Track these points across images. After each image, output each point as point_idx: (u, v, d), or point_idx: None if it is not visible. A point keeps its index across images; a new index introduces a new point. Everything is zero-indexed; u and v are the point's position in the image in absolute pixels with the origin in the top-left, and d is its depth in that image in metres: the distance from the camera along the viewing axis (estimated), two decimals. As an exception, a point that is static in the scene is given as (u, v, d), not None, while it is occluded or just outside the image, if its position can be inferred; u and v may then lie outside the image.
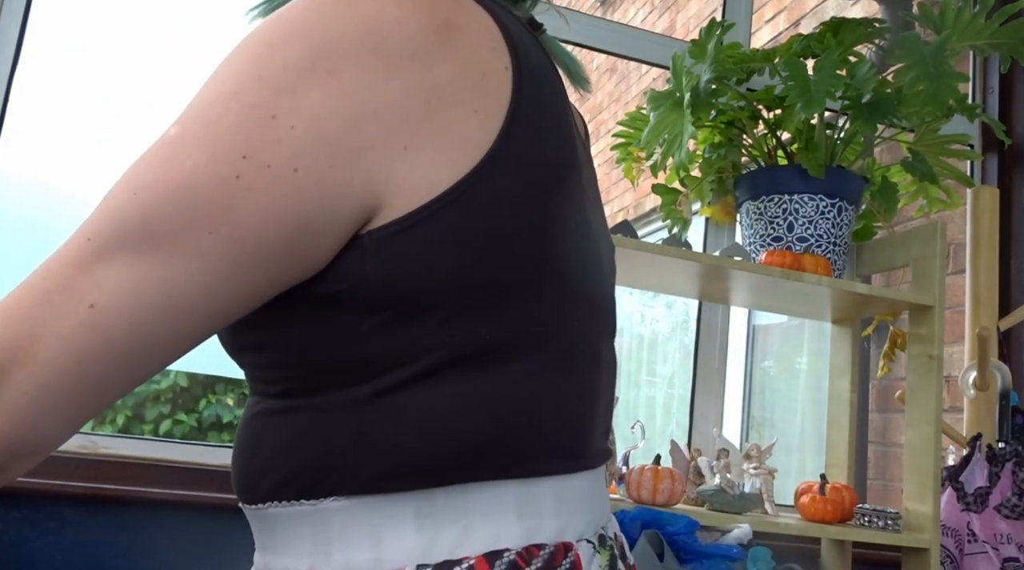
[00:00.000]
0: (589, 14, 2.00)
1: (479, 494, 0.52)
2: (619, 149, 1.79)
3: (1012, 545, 1.55)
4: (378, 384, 0.51)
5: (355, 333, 0.51)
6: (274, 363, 0.55)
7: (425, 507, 0.51)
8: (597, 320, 0.59)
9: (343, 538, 0.52)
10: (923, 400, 1.51)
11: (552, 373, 0.54)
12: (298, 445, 0.53)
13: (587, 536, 0.56)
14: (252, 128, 0.46)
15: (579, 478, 0.57)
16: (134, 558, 1.43)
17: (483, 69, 0.50)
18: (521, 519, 0.53)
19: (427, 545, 0.51)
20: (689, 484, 1.56)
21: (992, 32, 1.56)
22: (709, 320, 1.89)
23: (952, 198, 1.74)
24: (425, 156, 0.48)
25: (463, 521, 0.51)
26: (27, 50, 1.57)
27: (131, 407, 3.85)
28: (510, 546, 0.52)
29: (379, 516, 0.51)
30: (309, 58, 0.47)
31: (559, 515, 0.54)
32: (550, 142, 0.54)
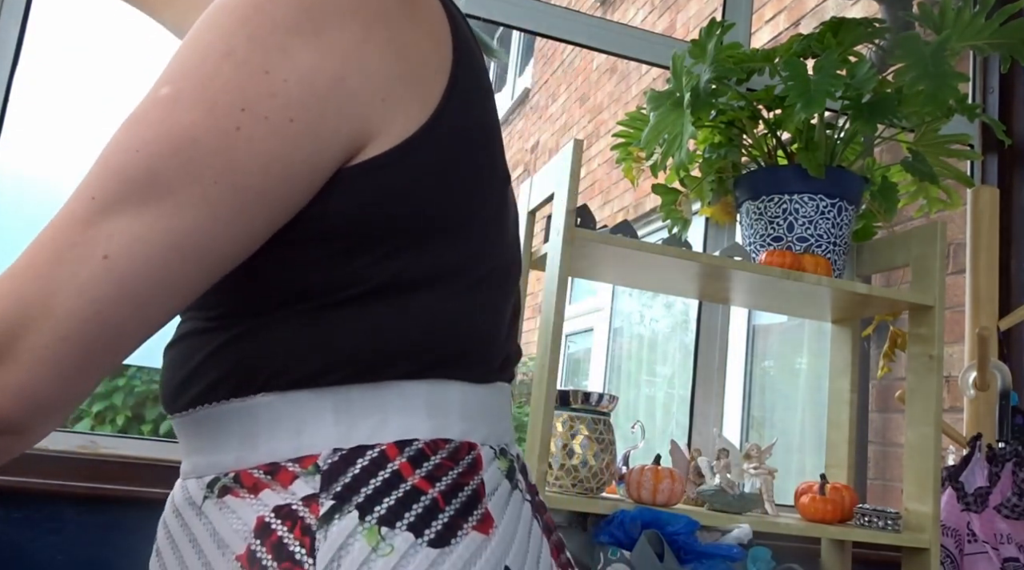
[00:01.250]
0: (589, 14, 2.00)
1: (393, 391, 0.57)
2: (619, 149, 1.79)
3: (1012, 545, 1.55)
4: (315, 303, 0.56)
5: (303, 262, 0.56)
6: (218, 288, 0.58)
7: (343, 402, 0.57)
8: (512, 250, 0.67)
9: (269, 430, 0.57)
10: (923, 400, 1.51)
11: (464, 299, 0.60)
12: (231, 352, 0.58)
13: (489, 442, 0.62)
14: (247, 83, 0.50)
15: (482, 390, 0.62)
16: (134, 558, 1.42)
17: (437, 36, 0.58)
18: (430, 417, 0.58)
19: (343, 435, 0.56)
20: (689, 484, 1.56)
21: (992, 32, 1.56)
22: (709, 320, 1.89)
23: (952, 198, 1.74)
24: (398, 108, 0.55)
25: (378, 415, 0.57)
26: (27, 50, 1.57)
27: (131, 407, 3.85)
28: (419, 437, 0.57)
29: (302, 410, 0.57)
30: (296, 19, 0.52)
31: (465, 419, 0.60)
32: (480, 104, 0.61)
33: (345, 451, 0.56)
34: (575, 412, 1.43)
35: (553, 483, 1.42)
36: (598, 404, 1.44)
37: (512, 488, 0.62)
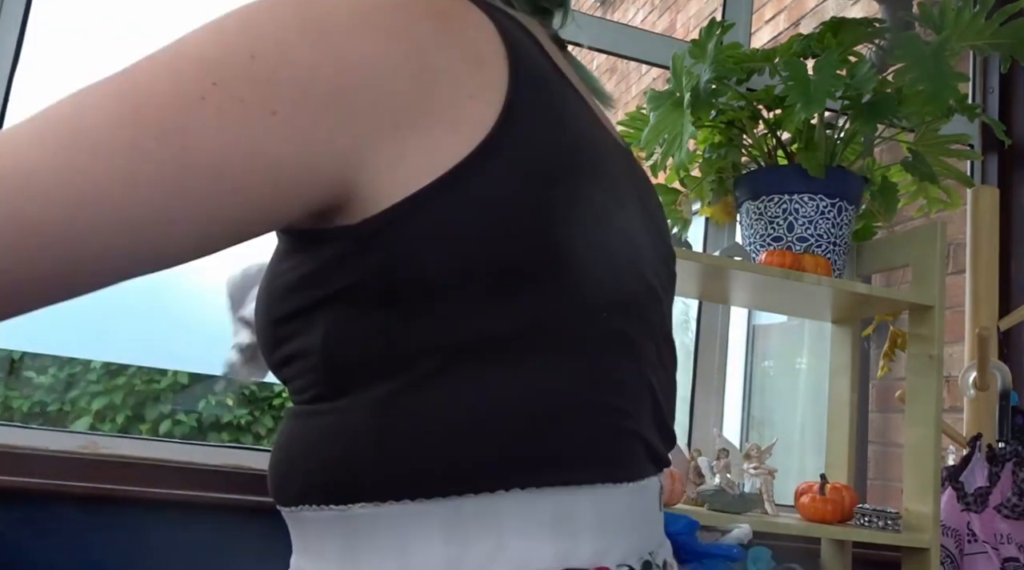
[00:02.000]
0: (589, 14, 2.00)
1: (511, 505, 0.49)
2: (619, 149, 1.79)
3: (1012, 545, 1.55)
4: (396, 382, 0.49)
5: (365, 329, 0.49)
6: (302, 371, 0.54)
7: (453, 518, 0.49)
8: (628, 316, 0.55)
9: (371, 545, 0.50)
10: (923, 400, 1.51)
11: (577, 369, 0.51)
12: (321, 447, 0.52)
13: (629, 561, 0.53)
14: (226, 60, 0.45)
15: (622, 491, 0.53)
16: (134, 558, 1.43)
17: (479, 59, 0.50)
18: (556, 538, 0.50)
19: (455, 559, 0.49)
20: (689, 484, 1.56)
21: (992, 32, 1.56)
22: (709, 320, 1.89)
23: (952, 198, 1.74)
24: (416, 137, 0.47)
25: (494, 537, 0.49)
26: (27, 50, 1.57)
27: (131, 407, 3.85)
28: (540, 568, 0.49)
29: (405, 525, 0.49)
30: (301, 18, 0.46)
31: (600, 536, 0.51)
32: (549, 121, 0.52)
33: None
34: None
35: (553, 483, 1.42)
36: (598, 404, 1.44)
37: None
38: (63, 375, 3.90)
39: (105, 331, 2.46)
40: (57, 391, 3.87)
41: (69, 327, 2.24)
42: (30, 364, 3.88)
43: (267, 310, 0.56)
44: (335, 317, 0.50)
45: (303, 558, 0.56)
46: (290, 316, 0.53)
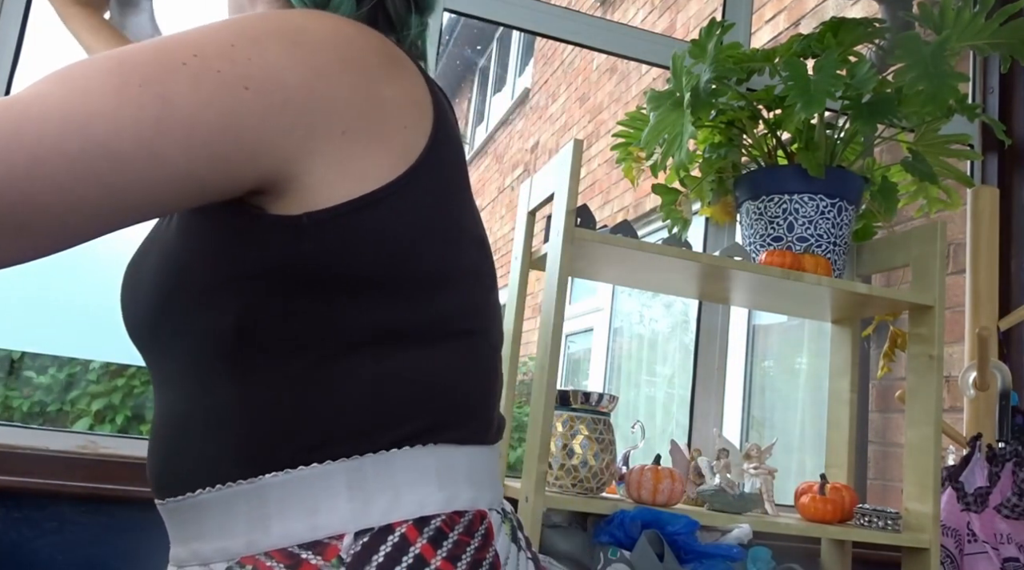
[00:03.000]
0: (589, 14, 2.00)
1: (403, 461, 0.57)
2: (619, 149, 1.79)
3: (1012, 545, 1.55)
4: (307, 359, 0.56)
5: (287, 309, 0.55)
6: (200, 346, 0.58)
7: (356, 477, 0.56)
8: (497, 321, 0.67)
9: (281, 511, 0.56)
10: (923, 400, 1.51)
11: (467, 355, 0.62)
12: (228, 427, 0.57)
13: (495, 506, 0.63)
14: (208, 42, 0.51)
15: (484, 451, 0.63)
16: (134, 558, 1.43)
17: (415, 99, 0.60)
18: (441, 487, 0.58)
19: (360, 511, 0.55)
20: (689, 484, 1.56)
21: (992, 32, 1.56)
22: (709, 320, 1.89)
23: (952, 198, 1.74)
24: (360, 147, 0.55)
25: (391, 489, 0.56)
26: (27, 50, 1.57)
27: (131, 407, 3.85)
28: (435, 511, 0.57)
29: (314, 487, 0.55)
30: (280, 31, 0.54)
31: (472, 485, 0.61)
32: (455, 166, 0.63)
33: (366, 537, 0.55)
34: (575, 412, 1.43)
35: (553, 483, 1.42)
36: (598, 404, 1.44)
37: (519, 550, 0.63)
38: (63, 375, 3.91)
39: (105, 331, 2.46)
40: (57, 391, 3.87)
41: (69, 327, 2.25)
42: (30, 364, 3.88)
43: (167, 280, 0.59)
44: (252, 296, 0.55)
45: (195, 543, 0.59)
46: (197, 290, 0.57)
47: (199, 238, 0.58)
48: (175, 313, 0.59)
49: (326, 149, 0.54)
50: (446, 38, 7.82)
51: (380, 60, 0.58)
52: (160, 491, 0.62)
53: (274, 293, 0.55)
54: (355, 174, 0.55)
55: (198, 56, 0.50)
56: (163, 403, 0.62)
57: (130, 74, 0.48)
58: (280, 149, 0.53)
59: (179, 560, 0.61)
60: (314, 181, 0.54)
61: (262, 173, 0.53)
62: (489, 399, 0.65)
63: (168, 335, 0.60)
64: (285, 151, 0.53)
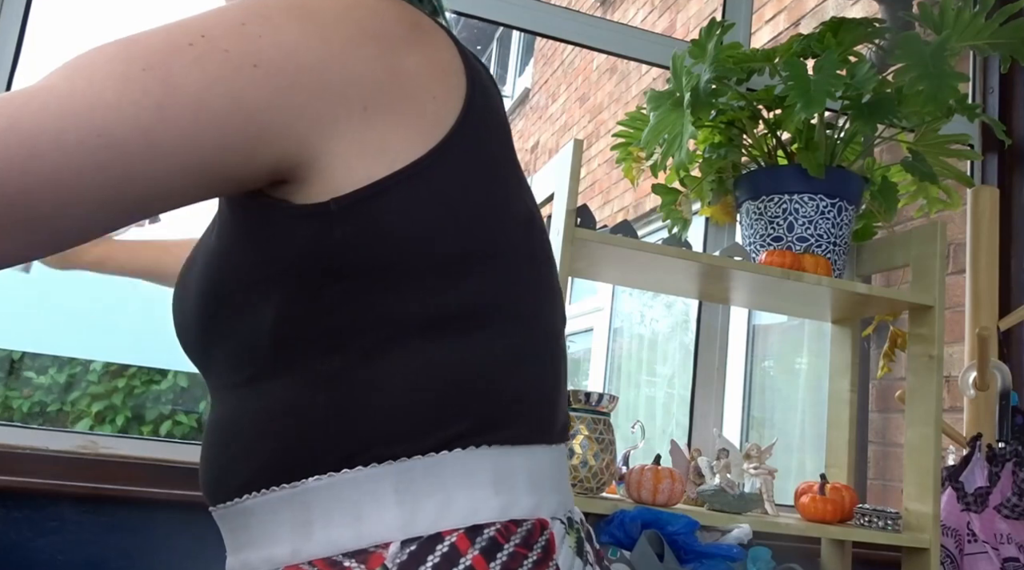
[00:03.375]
0: (589, 14, 2.00)
1: (455, 464, 0.53)
2: (619, 149, 1.79)
3: (1012, 545, 1.55)
4: (348, 356, 0.53)
5: (323, 303, 0.52)
6: (242, 348, 0.56)
7: (404, 480, 0.52)
8: (554, 303, 0.62)
9: (325, 517, 0.52)
10: (923, 400, 1.51)
11: (518, 342, 0.57)
12: (272, 430, 0.54)
13: (559, 515, 0.57)
14: (217, 22, 0.49)
15: (547, 452, 0.58)
16: (134, 558, 1.43)
17: (444, 67, 0.56)
18: (498, 493, 0.54)
19: (407, 518, 0.52)
20: (689, 484, 1.56)
21: (992, 32, 1.56)
22: (709, 320, 1.89)
23: (952, 198, 1.74)
24: (382, 124, 0.52)
25: (442, 494, 0.52)
26: (27, 50, 1.57)
27: (131, 408, 3.85)
28: (488, 520, 0.53)
29: (359, 492, 0.52)
30: (290, 6, 0.51)
31: (533, 490, 0.56)
32: (496, 139, 0.59)
33: (413, 546, 0.51)
34: (575, 412, 1.43)
35: (553, 483, 1.42)
36: (598, 404, 1.44)
37: (584, 565, 0.58)
38: (63, 375, 3.90)
39: (105, 331, 2.46)
40: (57, 391, 3.87)
41: (69, 327, 2.25)
42: (30, 364, 3.88)
43: (208, 287, 0.57)
44: (288, 292, 0.53)
45: (246, 552, 0.57)
46: (235, 291, 0.55)
47: (233, 240, 0.56)
48: (218, 319, 0.57)
49: (346, 128, 0.51)
50: (446, 38, 7.81)
51: (401, 29, 0.54)
52: (211, 497, 0.60)
53: (307, 287, 0.53)
54: (381, 152, 0.51)
55: (205, 36, 0.48)
56: (214, 410, 0.60)
57: (135, 59, 0.46)
58: (295, 130, 0.50)
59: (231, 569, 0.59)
60: (337, 163, 0.51)
61: (278, 157, 0.50)
62: (550, 392, 0.60)
63: (213, 342, 0.58)
64: (301, 132, 0.50)
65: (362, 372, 0.53)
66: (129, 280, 1.06)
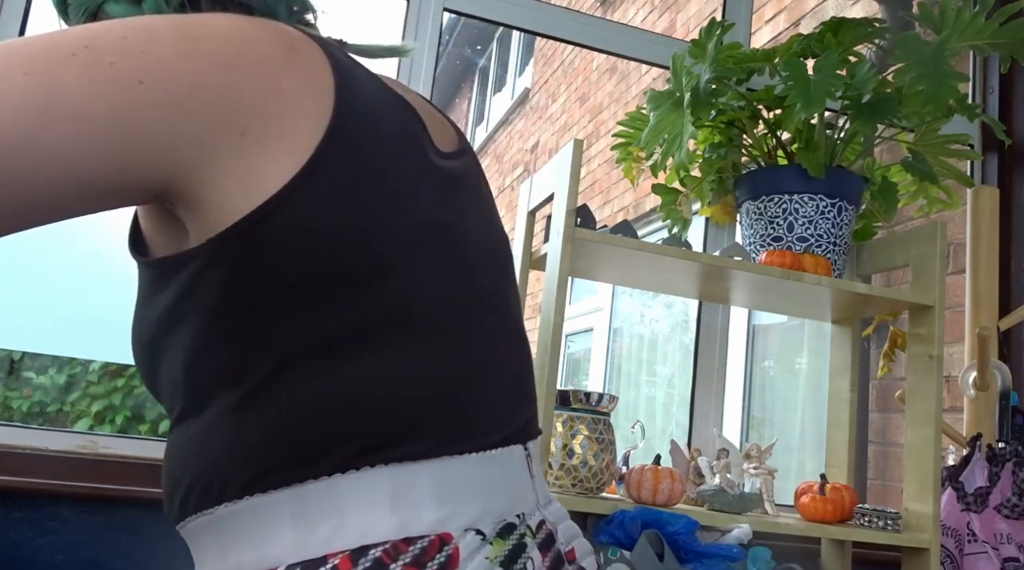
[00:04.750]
0: (589, 14, 2.00)
1: (351, 486, 0.53)
2: (619, 149, 1.79)
3: (1012, 545, 1.55)
4: (246, 386, 0.54)
5: (219, 338, 0.54)
6: (170, 388, 0.59)
7: (299, 505, 0.53)
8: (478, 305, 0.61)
9: (236, 542, 0.55)
10: (923, 400, 1.51)
11: (421, 355, 0.56)
12: (190, 459, 0.57)
13: (478, 526, 0.55)
14: (100, 34, 0.48)
15: (466, 462, 0.57)
16: (134, 558, 1.43)
17: (319, 85, 0.55)
18: (395, 511, 0.53)
19: (301, 542, 0.53)
20: (689, 484, 1.56)
21: (992, 32, 1.56)
22: (709, 320, 1.89)
23: (952, 198, 1.74)
24: (259, 149, 0.52)
25: (337, 516, 0.53)
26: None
27: (131, 408, 3.85)
28: (379, 540, 0.52)
29: (260, 517, 0.54)
30: (174, 25, 0.51)
31: (442, 504, 0.54)
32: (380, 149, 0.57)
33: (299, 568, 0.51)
34: (575, 412, 1.43)
35: (553, 483, 1.42)
36: (598, 404, 1.44)
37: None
38: (63, 376, 3.90)
39: (105, 331, 2.46)
40: (57, 392, 3.87)
41: (69, 327, 2.25)
42: (30, 364, 3.88)
43: (138, 337, 0.61)
44: (192, 331, 0.55)
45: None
46: (154, 340, 0.58)
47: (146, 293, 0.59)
48: (152, 365, 0.61)
49: (225, 153, 0.51)
50: (446, 38, 7.83)
51: (278, 51, 0.54)
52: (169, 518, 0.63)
53: (206, 325, 0.54)
54: (258, 180, 0.51)
55: (89, 47, 0.47)
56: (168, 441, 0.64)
57: (16, 62, 0.45)
58: (177, 150, 0.50)
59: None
60: (219, 194, 0.51)
61: (162, 175, 0.50)
62: (473, 398, 0.58)
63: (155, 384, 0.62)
64: (182, 152, 0.50)
65: (257, 402, 0.54)
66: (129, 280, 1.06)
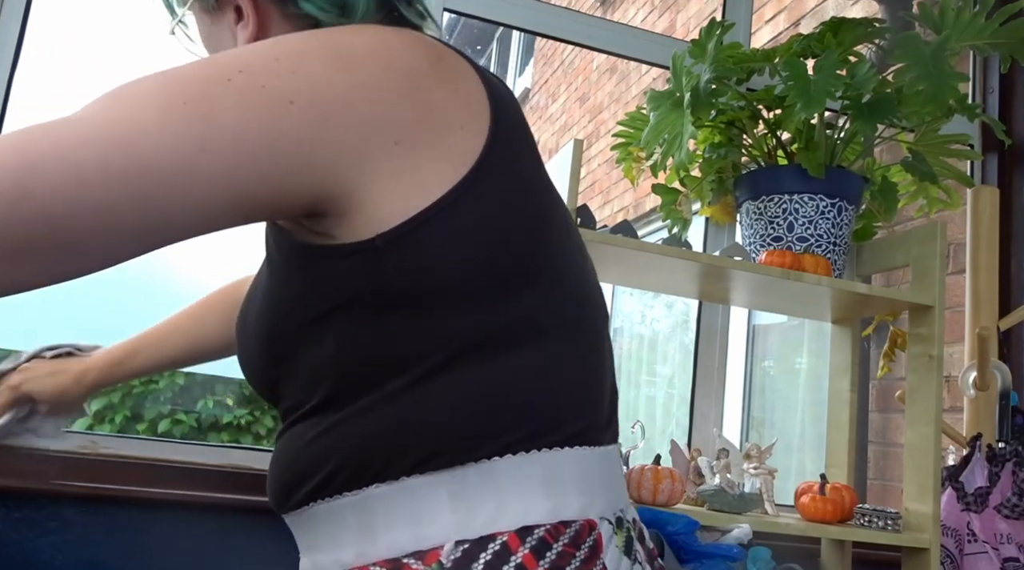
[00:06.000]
0: (589, 14, 2.00)
1: (507, 471, 0.56)
2: (619, 149, 1.79)
3: (1012, 545, 1.55)
4: (407, 377, 0.56)
5: (382, 333, 0.56)
6: (309, 379, 0.59)
7: (458, 486, 0.56)
8: (595, 305, 0.65)
9: (387, 521, 0.56)
10: (923, 400, 1.51)
11: (562, 354, 0.60)
12: (339, 445, 0.58)
13: (607, 515, 0.60)
14: (254, 58, 0.52)
15: (596, 453, 0.61)
16: (134, 558, 1.43)
17: (468, 96, 0.59)
18: (548, 496, 0.57)
19: (461, 521, 0.55)
20: (689, 484, 1.56)
21: (992, 32, 1.56)
22: (709, 320, 1.89)
23: (952, 198, 1.74)
24: (414, 157, 0.54)
25: (495, 498, 0.56)
26: (27, 50, 1.57)
27: (130, 407, 3.85)
28: (539, 521, 0.56)
29: (416, 498, 0.56)
30: (323, 44, 0.55)
31: (582, 492, 0.59)
32: (525, 158, 0.62)
33: (467, 545, 0.54)
34: (575, 412, 1.43)
35: (553, 483, 1.42)
36: (598, 404, 1.44)
37: (632, 563, 0.61)
38: (63, 375, 3.90)
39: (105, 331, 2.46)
40: (57, 391, 3.87)
41: (69, 327, 2.25)
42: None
43: (268, 328, 0.61)
44: (345, 325, 0.56)
45: (314, 554, 0.61)
46: (295, 329, 0.59)
47: (287, 280, 0.59)
48: (283, 356, 0.61)
49: (380, 162, 0.53)
50: (446, 38, 7.81)
51: (427, 64, 0.57)
52: (279, 505, 0.64)
53: (365, 318, 0.56)
54: (416, 185, 0.54)
55: (243, 72, 0.50)
56: (283, 435, 0.64)
57: (176, 93, 0.49)
58: (330, 164, 0.52)
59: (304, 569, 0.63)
60: (373, 198, 0.54)
61: (314, 190, 0.53)
62: (597, 395, 0.63)
63: (281, 377, 0.62)
64: (336, 166, 0.53)
65: (420, 390, 0.56)
66: (128, 279, 1.06)
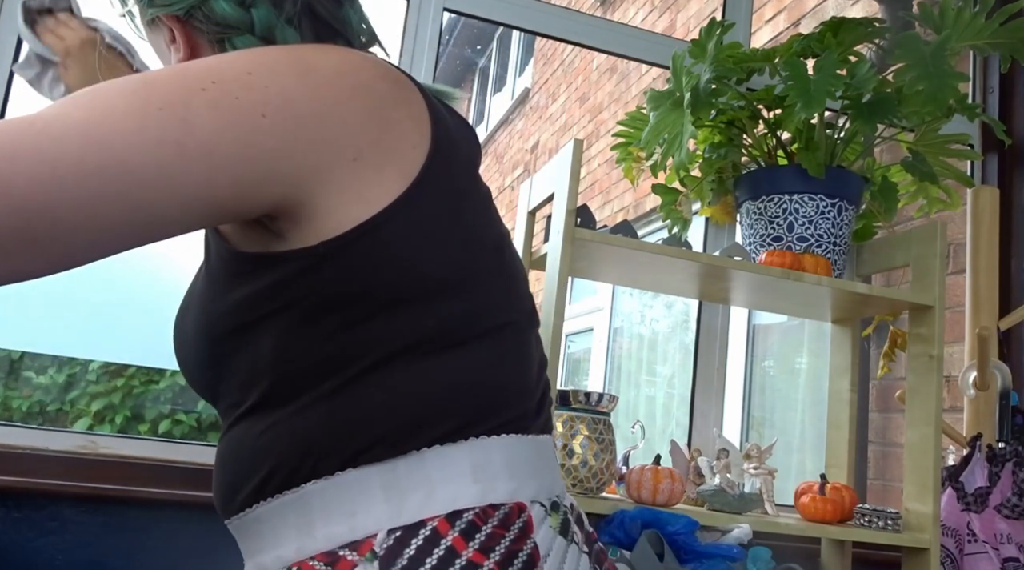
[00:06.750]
0: (589, 14, 2.00)
1: (436, 459, 0.59)
2: (619, 149, 1.79)
3: (1012, 545, 1.55)
4: (341, 378, 0.59)
5: (318, 336, 0.58)
6: (246, 380, 0.61)
7: (389, 478, 0.58)
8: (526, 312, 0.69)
9: (324, 515, 0.59)
10: (923, 400, 1.51)
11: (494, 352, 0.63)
12: (274, 447, 0.60)
13: (539, 499, 0.63)
14: (226, 70, 0.54)
15: (526, 441, 0.64)
16: (134, 558, 1.43)
17: (419, 117, 0.62)
18: (476, 481, 0.60)
19: (394, 510, 0.58)
20: (689, 484, 1.56)
21: (992, 32, 1.56)
22: (709, 320, 1.89)
23: (952, 198, 1.74)
24: (371, 172, 0.57)
25: (425, 487, 0.58)
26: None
27: (130, 407, 3.85)
28: (468, 505, 0.59)
29: (351, 491, 0.58)
30: (293, 61, 0.57)
31: (512, 477, 0.61)
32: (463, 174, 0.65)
33: (399, 532, 0.57)
34: (575, 412, 1.43)
35: (553, 483, 1.42)
36: (598, 404, 1.44)
37: (568, 542, 0.63)
38: (62, 375, 3.90)
39: (104, 331, 2.46)
40: (56, 391, 3.87)
41: (69, 327, 2.25)
42: (30, 364, 3.88)
43: (206, 331, 0.64)
44: (283, 328, 0.58)
45: (259, 557, 0.63)
46: (232, 332, 0.61)
47: (225, 286, 0.62)
48: (220, 358, 0.63)
49: (338, 176, 0.56)
50: (446, 38, 7.83)
51: (387, 85, 0.60)
52: (225, 511, 0.66)
53: (303, 321, 0.58)
54: (365, 198, 0.57)
55: (217, 83, 0.53)
56: (224, 436, 0.66)
57: (152, 96, 0.50)
58: (295, 175, 0.55)
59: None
60: (327, 208, 0.56)
61: (277, 197, 0.55)
62: (526, 387, 0.66)
63: (218, 378, 0.64)
64: (299, 177, 0.55)
65: (354, 390, 0.59)
66: (130, 278, 1.07)
